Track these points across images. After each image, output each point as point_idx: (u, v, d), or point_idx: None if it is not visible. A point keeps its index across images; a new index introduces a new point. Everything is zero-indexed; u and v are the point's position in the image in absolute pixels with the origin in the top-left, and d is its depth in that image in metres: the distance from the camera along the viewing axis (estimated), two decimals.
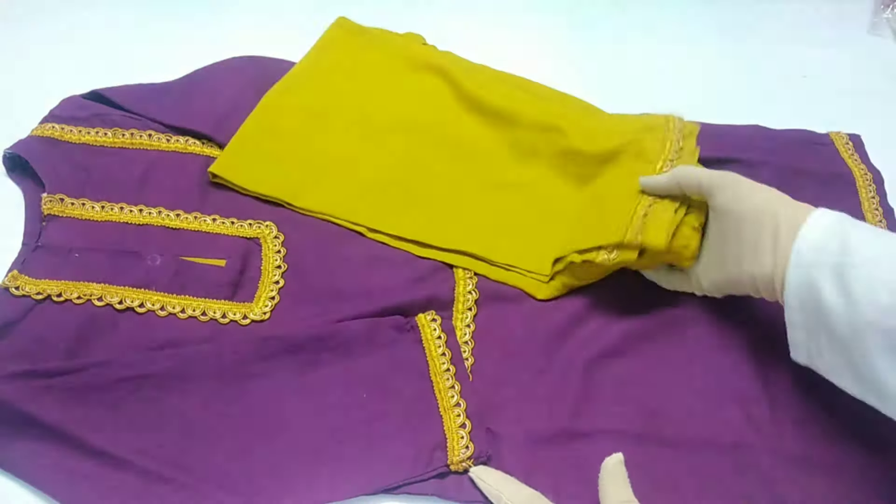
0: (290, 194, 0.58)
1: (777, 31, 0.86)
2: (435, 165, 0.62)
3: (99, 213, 0.55)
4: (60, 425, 0.43)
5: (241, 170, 0.59)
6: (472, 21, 0.82)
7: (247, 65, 0.67)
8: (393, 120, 0.64)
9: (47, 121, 0.60)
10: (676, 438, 0.48)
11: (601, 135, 0.60)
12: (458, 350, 0.51)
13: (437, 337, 0.51)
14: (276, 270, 0.54)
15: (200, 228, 0.56)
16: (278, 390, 0.47)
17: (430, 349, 0.50)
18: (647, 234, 0.50)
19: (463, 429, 0.46)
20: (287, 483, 0.44)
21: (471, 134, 0.64)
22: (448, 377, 0.49)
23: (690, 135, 0.58)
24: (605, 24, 0.84)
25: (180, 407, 0.45)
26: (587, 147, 0.59)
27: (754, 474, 0.47)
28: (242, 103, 0.63)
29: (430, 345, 0.50)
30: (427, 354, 0.50)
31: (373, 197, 0.59)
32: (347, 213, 0.58)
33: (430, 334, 0.51)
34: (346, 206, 0.58)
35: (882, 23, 0.86)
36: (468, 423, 0.47)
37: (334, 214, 0.58)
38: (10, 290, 0.49)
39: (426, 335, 0.51)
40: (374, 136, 0.63)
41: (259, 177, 0.59)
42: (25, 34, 0.74)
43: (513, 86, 0.67)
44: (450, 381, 0.49)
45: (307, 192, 0.59)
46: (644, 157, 0.56)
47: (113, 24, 0.76)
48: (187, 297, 0.52)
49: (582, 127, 0.61)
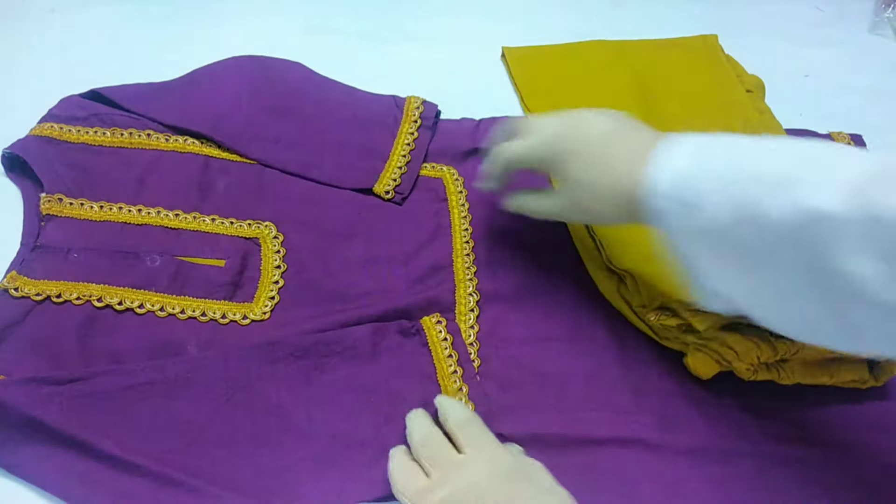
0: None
1: (777, 30, 0.86)
2: None
3: (98, 212, 0.55)
4: (70, 430, 0.42)
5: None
6: (472, 20, 0.82)
7: (247, 64, 0.67)
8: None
9: (46, 120, 0.60)
10: (690, 446, 0.48)
11: None
12: (466, 351, 0.50)
13: (444, 339, 0.51)
14: (276, 270, 0.54)
15: (199, 228, 0.55)
16: (286, 395, 0.47)
17: (436, 352, 0.50)
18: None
19: None
20: (296, 487, 0.43)
21: None
22: (455, 379, 0.49)
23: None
24: (605, 23, 0.83)
25: (189, 413, 0.45)
26: None
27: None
28: (242, 103, 0.63)
29: (436, 347, 0.50)
30: (434, 357, 0.50)
31: None
32: None
33: (435, 337, 0.51)
34: None
35: (883, 22, 0.86)
36: None
37: None
38: (10, 292, 0.49)
39: (432, 338, 0.51)
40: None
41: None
42: (25, 34, 0.73)
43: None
44: (457, 384, 0.49)
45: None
46: None
47: (113, 24, 0.75)
48: (187, 297, 0.51)
49: None
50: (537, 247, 0.59)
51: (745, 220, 0.39)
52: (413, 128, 0.64)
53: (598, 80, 0.72)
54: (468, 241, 0.59)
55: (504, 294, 0.55)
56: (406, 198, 0.61)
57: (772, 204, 0.38)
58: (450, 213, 0.61)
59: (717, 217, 0.40)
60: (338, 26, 0.78)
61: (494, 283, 0.56)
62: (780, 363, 0.49)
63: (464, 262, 0.57)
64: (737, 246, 0.40)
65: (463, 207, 0.61)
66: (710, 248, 0.42)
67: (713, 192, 0.40)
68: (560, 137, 0.49)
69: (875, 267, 0.36)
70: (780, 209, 0.38)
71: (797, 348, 0.49)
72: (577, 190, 0.48)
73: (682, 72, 0.75)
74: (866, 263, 0.36)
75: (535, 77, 0.73)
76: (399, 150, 0.63)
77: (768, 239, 0.39)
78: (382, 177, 0.61)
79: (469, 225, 0.60)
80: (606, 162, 0.46)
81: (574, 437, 0.48)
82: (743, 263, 0.41)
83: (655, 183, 0.43)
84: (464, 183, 0.63)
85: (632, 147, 0.45)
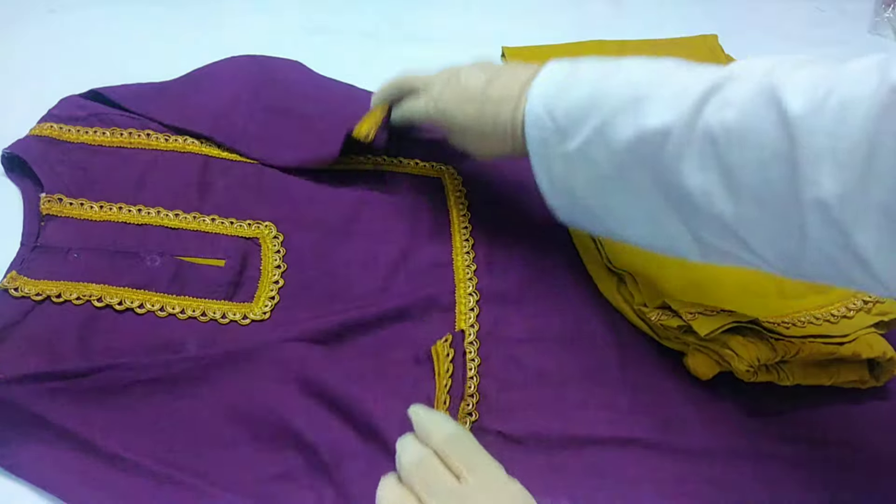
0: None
1: (777, 30, 0.86)
2: None
3: (98, 212, 0.55)
4: (72, 427, 0.42)
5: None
6: (471, 20, 0.82)
7: (246, 64, 0.67)
8: None
9: (45, 120, 0.60)
10: (690, 446, 0.48)
11: None
12: (461, 387, 0.47)
13: (450, 375, 0.48)
14: (276, 270, 0.54)
15: (199, 228, 0.55)
16: (288, 401, 0.46)
17: (440, 381, 0.48)
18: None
19: None
20: (295, 493, 0.43)
21: None
22: (445, 398, 0.47)
23: None
24: (605, 23, 0.83)
25: (192, 412, 0.45)
26: None
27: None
28: (242, 102, 0.63)
29: (440, 380, 0.48)
30: (437, 385, 0.48)
31: None
32: None
33: (442, 369, 0.48)
34: None
35: (883, 22, 0.87)
36: None
37: None
38: (10, 292, 0.49)
39: (440, 369, 0.49)
40: None
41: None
42: (25, 34, 0.73)
43: None
44: (446, 403, 0.46)
45: None
46: None
47: (113, 24, 0.75)
48: (187, 297, 0.51)
49: None
50: (537, 246, 0.59)
51: (598, 143, 0.42)
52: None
53: None
54: (468, 239, 0.59)
55: (504, 293, 0.55)
56: (389, 141, 0.61)
57: (619, 125, 0.41)
58: (449, 212, 0.61)
59: (578, 141, 0.43)
60: (338, 26, 0.78)
61: (494, 282, 0.56)
62: (779, 364, 0.49)
63: (464, 262, 0.57)
64: (596, 168, 0.43)
65: (462, 206, 0.61)
66: (578, 172, 0.45)
67: (576, 117, 0.43)
68: (443, 94, 0.53)
69: (708, 178, 0.38)
70: (624, 130, 0.40)
71: (797, 349, 0.49)
72: (466, 134, 0.53)
73: None
74: (702, 177, 0.38)
75: None
76: (380, 109, 0.60)
77: (619, 161, 0.41)
78: (361, 124, 0.59)
79: (469, 223, 0.60)
80: (486, 108, 0.49)
81: (574, 437, 0.48)
82: (605, 186, 0.44)
83: (529, 114, 0.46)
84: (463, 182, 0.63)
85: (507, 86, 0.49)
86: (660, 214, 0.42)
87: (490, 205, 0.62)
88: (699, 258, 0.44)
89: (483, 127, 0.50)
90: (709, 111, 0.38)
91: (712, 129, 0.38)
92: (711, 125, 0.38)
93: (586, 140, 0.43)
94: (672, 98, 0.40)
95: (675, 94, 0.40)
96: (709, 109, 0.38)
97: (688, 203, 0.40)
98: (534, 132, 0.46)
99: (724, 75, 0.39)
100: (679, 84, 0.40)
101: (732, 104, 0.38)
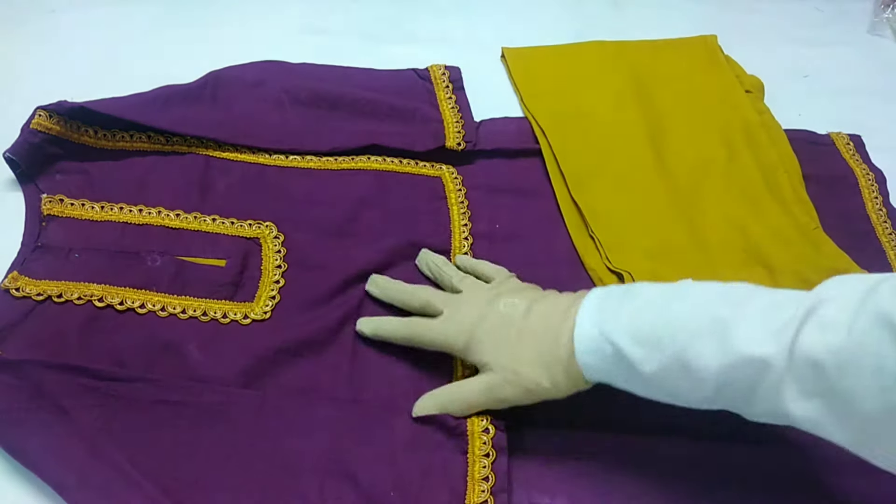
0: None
1: (777, 30, 0.86)
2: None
3: (98, 213, 0.55)
4: (90, 428, 0.43)
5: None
6: (471, 20, 0.82)
7: (273, 68, 0.67)
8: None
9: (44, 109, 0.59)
10: (689, 445, 0.48)
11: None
12: (505, 472, 0.45)
13: (485, 455, 0.45)
14: (277, 270, 0.54)
15: (200, 228, 0.55)
16: (308, 464, 0.44)
17: (472, 466, 0.45)
18: None
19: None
20: None
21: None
22: (485, 487, 0.44)
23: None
24: (605, 24, 0.83)
25: (207, 446, 0.44)
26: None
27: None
28: (286, 105, 0.63)
29: (474, 461, 0.45)
30: (468, 472, 0.45)
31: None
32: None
33: (477, 449, 0.46)
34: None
35: (882, 23, 0.87)
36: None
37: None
38: (11, 292, 0.49)
39: (473, 449, 0.46)
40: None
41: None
42: (25, 34, 0.73)
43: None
44: (485, 494, 0.44)
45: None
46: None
47: (113, 24, 0.75)
48: (188, 297, 0.51)
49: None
50: (537, 246, 0.59)
51: (672, 367, 0.40)
52: (448, 92, 0.69)
53: (597, 80, 0.73)
54: (467, 237, 0.59)
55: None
56: (476, 146, 0.64)
57: (700, 350, 0.39)
58: (449, 211, 0.61)
59: (654, 367, 0.40)
60: (337, 26, 0.78)
61: None
62: None
63: None
64: (670, 387, 0.41)
65: (462, 205, 0.61)
66: (641, 388, 0.43)
67: (636, 343, 0.41)
68: (473, 329, 0.47)
69: (813, 406, 0.36)
70: (709, 355, 0.38)
71: None
72: (502, 371, 0.46)
73: (681, 72, 0.75)
74: (806, 405, 0.36)
75: (534, 77, 0.73)
76: (448, 111, 0.66)
77: (703, 385, 0.39)
78: (447, 134, 0.64)
79: (468, 221, 0.60)
80: (527, 345, 0.45)
81: (573, 437, 0.48)
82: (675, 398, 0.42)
83: (579, 352, 0.43)
84: (462, 182, 0.63)
85: (549, 325, 0.45)
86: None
87: (490, 205, 0.62)
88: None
89: (525, 368, 0.45)
90: (806, 335, 0.36)
91: (814, 354, 0.35)
92: (813, 350, 0.35)
93: (663, 367, 0.40)
94: (762, 322, 0.38)
95: (765, 318, 0.38)
96: (806, 332, 0.36)
97: (784, 420, 0.38)
98: (590, 359, 0.43)
99: (817, 297, 0.37)
100: (766, 306, 0.38)
101: (835, 328, 0.35)
